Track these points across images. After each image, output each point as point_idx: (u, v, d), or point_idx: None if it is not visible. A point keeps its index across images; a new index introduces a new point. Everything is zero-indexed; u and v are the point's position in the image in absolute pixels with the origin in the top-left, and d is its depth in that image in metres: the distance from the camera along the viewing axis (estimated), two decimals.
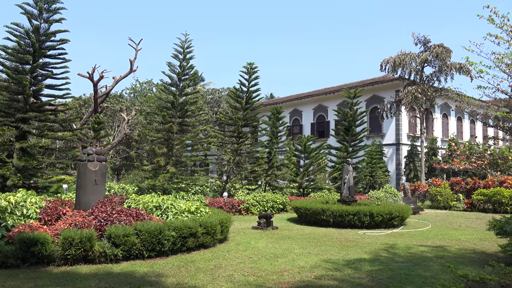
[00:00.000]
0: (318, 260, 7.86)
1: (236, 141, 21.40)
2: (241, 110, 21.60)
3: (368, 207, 12.93)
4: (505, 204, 17.77)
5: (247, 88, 21.49)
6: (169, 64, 19.05)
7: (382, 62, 25.79)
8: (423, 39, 25.69)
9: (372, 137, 29.29)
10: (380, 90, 29.85)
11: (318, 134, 33.87)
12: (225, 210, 14.97)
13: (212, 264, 7.37)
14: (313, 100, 34.96)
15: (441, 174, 27.79)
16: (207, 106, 40.05)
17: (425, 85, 25.34)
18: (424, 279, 6.52)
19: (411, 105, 25.86)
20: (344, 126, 23.77)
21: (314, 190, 21.63)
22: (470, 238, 10.86)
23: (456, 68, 24.40)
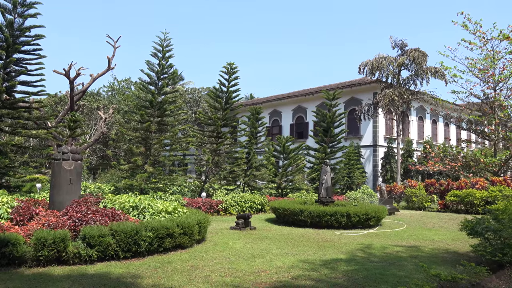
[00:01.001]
0: (295, 260, 7.91)
1: (215, 141, 21.33)
2: (220, 110, 21.54)
3: (345, 208, 13.09)
4: (477, 205, 18.28)
5: (226, 88, 21.45)
6: (148, 63, 18.85)
7: (360, 64, 26.15)
8: (400, 43, 26.19)
9: (350, 139, 29.68)
10: (358, 92, 30.27)
11: (297, 135, 34.08)
12: (203, 211, 14.89)
13: (189, 265, 7.32)
14: (292, 101, 35.16)
15: (416, 176, 28.40)
16: (187, 106, 39.76)
17: (401, 88, 25.83)
18: (398, 278, 6.64)
19: (388, 108, 26.31)
20: (323, 127, 24.00)
21: (293, 190, 21.76)
22: (443, 238, 11.12)
23: (432, 72, 24.97)
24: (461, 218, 8.96)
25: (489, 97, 22.73)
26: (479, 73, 22.60)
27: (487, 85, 22.70)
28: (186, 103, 40.05)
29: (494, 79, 22.24)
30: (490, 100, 22.70)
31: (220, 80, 21.36)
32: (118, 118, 36.06)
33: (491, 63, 22.12)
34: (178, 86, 42.45)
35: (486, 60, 22.24)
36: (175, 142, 19.69)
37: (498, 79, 22.19)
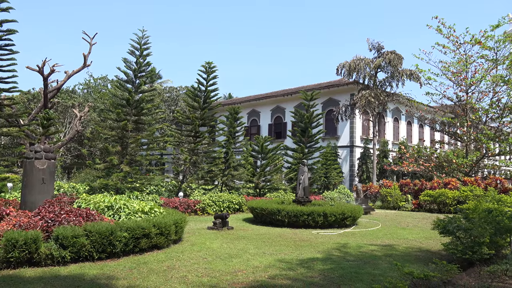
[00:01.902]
0: (272, 260, 7.94)
1: (193, 141, 21.19)
2: (198, 109, 21.41)
3: (322, 208, 13.22)
4: (449, 205, 18.78)
5: (205, 87, 21.34)
6: (125, 60, 18.54)
7: (338, 66, 26.48)
8: (377, 45, 26.65)
9: (328, 139, 30.00)
10: (336, 93, 30.63)
11: (275, 135, 34.22)
12: (180, 211, 14.78)
13: (165, 265, 7.25)
14: (271, 101, 35.28)
15: (392, 176, 28.94)
16: (164, 105, 39.35)
17: (378, 89, 26.29)
18: (373, 276, 6.75)
19: (364, 109, 26.73)
20: (301, 127, 24.17)
21: (271, 190, 21.83)
22: (416, 237, 11.37)
23: (407, 75, 25.51)
24: (434, 217, 9.19)
25: (462, 100, 23.38)
26: (452, 76, 23.23)
27: (460, 88, 23.35)
28: (164, 102, 39.64)
29: (466, 82, 22.89)
30: (462, 103, 23.35)
31: (198, 79, 21.22)
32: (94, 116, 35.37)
33: (463, 66, 22.76)
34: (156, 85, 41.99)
35: (459, 64, 22.87)
36: (152, 141, 19.44)
37: (470, 82, 22.84)
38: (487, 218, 7.99)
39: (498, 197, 10.62)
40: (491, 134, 22.02)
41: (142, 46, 18.58)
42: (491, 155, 23.07)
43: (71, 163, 36.18)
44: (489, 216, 8.13)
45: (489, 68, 22.57)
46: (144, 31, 18.64)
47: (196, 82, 21.38)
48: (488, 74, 22.54)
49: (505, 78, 21.60)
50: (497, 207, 8.86)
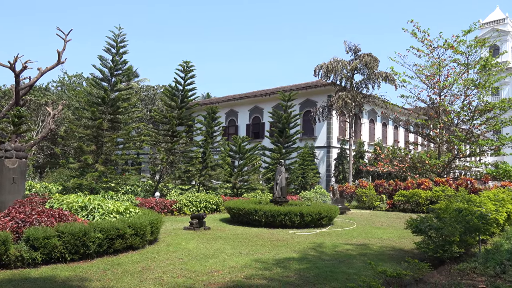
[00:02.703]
0: (248, 260, 7.95)
1: (170, 140, 20.99)
2: (176, 108, 21.22)
3: (299, 208, 13.32)
4: (422, 205, 19.21)
5: (182, 86, 21.18)
6: (100, 58, 18.22)
7: (316, 67, 26.70)
8: (354, 47, 27.02)
9: (305, 140, 30.23)
10: (313, 94, 30.90)
11: (253, 135, 34.25)
12: (156, 211, 14.61)
13: (140, 266, 7.16)
14: (249, 101, 35.30)
15: (367, 176, 29.41)
16: (141, 103, 38.80)
17: (354, 91, 26.66)
18: (347, 275, 6.85)
19: (341, 110, 27.06)
20: (279, 128, 24.28)
21: (248, 190, 21.84)
22: (390, 236, 11.60)
23: (383, 77, 25.96)
24: (408, 217, 9.40)
25: (435, 102, 23.99)
26: (426, 79, 23.81)
27: (433, 91, 23.96)
28: (141, 101, 39.09)
29: (439, 85, 23.50)
30: (435, 105, 23.96)
31: (176, 79, 21.04)
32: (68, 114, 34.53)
33: (437, 70, 23.36)
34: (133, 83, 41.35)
35: (432, 67, 23.46)
36: (129, 140, 19.16)
37: (442, 85, 23.46)
38: (457, 218, 8.23)
39: (468, 197, 10.94)
40: (462, 136, 22.67)
41: (119, 44, 18.30)
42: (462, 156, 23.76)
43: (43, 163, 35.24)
44: (459, 215, 8.38)
45: (461, 72, 23.24)
46: (120, 29, 18.37)
47: (173, 81, 21.21)
48: (460, 78, 23.21)
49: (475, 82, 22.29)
50: (467, 207, 9.14)
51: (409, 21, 23.16)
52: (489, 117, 23.00)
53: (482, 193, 13.89)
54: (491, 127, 23.09)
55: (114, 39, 18.23)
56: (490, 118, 23.01)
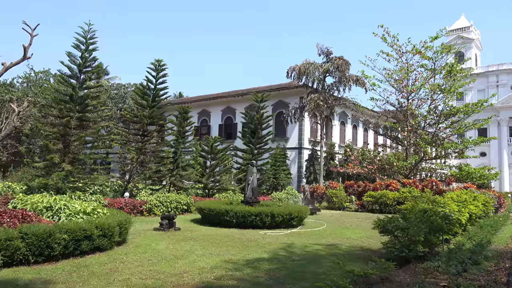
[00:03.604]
0: (219, 260, 7.93)
1: (141, 140, 20.64)
2: (147, 107, 20.89)
3: (270, 208, 13.38)
4: (390, 205, 19.70)
5: (154, 85, 20.87)
6: (69, 54, 17.70)
7: (288, 69, 26.89)
8: (326, 50, 27.37)
9: (277, 141, 30.41)
10: (286, 96, 31.13)
11: (225, 135, 34.15)
12: (125, 211, 14.29)
13: (107, 268, 7.01)
14: (222, 101, 35.19)
15: (338, 177, 29.88)
16: (111, 102, 37.98)
17: (326, 93, 27.02)
18: (317, 275, 6.94)
19: (313, 112, 27.36)
20: (251, 129, 24.33)
21: (219, 191, 21.76)
22: (359, 236, 11.83)
23: (354, 80, 26.41)
24: (376, 217, 9.60)
25: (403, 106, 24.68)
26: (395, 83, 24.47)
27: (401, 95, 24.65)
28: (111, 99, 38.27)
29: (407, 89, 24.19)
30: (403, 109, 24.65)
31: (147, 77, 20.72)
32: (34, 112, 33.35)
33: (405, 74, 24.04)
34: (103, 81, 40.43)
35: (401, 72, 24.13)
36: (98, 139, 18.71)
37: (410, 89, 24.16)
38: (422, 218, 8.50)
39: (433, 198, 11.32)
40: (428, 139, 23.41)
41: (88, 40, 17.84)
42: (428, 158, 24.56)
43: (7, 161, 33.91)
44: (424, 216, 8.65)
45: (428, 76, 24.02)
46: (90, 25, 17.92)
47: (145, 80, 20.87)
48: (426, 83, 23.98)
49: (441, 86, 23.08)
50: (432, 207, 9.45)
51: (379, 25, 23.75)
52: (453, 121, 23.88)
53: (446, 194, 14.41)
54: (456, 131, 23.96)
55: (83, 35, 17.76)
56: (454, 122, 23.89)
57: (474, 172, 22.52)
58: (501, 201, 23.31)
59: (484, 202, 16.08)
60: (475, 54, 62.70)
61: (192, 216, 15.85)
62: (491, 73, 58.97)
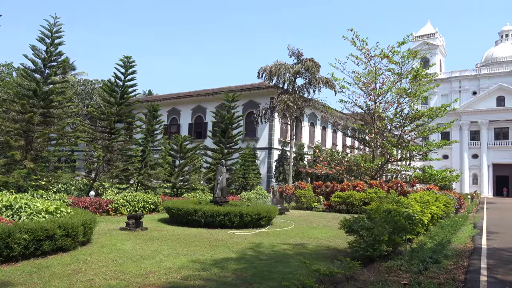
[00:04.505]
0: (186, 260, 7.86)
1: (108, 137, 20.18)
2: (115, 105, 20.44)
3: (239, 208, 13.39)
4: (356, 206, 20.11)
5: (123, 82, 20.45)
6: (33, 48, 17.09)
7: (259, 69, 26.99)
8: (297, 52, 27.65)
9: (247, 141, 30.45)
10: (257, 96, 31.23)
11: (195, 134, 33.90)
12: (91, 211, 13.95)
13: (70, 269, 6.82)
14: (192, 100, 34.90)
15: (306, 178, 30.25)
16: (78, 98, 36.95)
17: (296, 95, 27.29)
18: (284, 274, 7.00)
19: (283, 113, 27.59)
20: (221, 128, 24.26)
21: (188, 190, 21.58)
22: (326, 236, 12.02)
23: (323, 82, 26.82)
24: (342, 218, 9.79)
25: (370, 109, 25.27)
26: (363, 86, 25.02)
27: (369, 98, 25.25)
28: (77, 95, 37.22)
29: (375, 92, 24.79)
30: (371, 111, 25.24)
31: (115, 74, 20.28)
32: None
33: (373, 78, 24.63)
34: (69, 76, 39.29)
35: (369, 75, 24.71)
36: (62, 136, 18.16)
37: (378, 92, 24.77)
38: (387, 218, 8.73)
39: (397, 199, 11.65)
40: (394, 141, 24.08)
41: (54, 34, 17.29)
42: (394, 160, 25.26)
43: None
44: (389, 216, 8.89)
45: (394, 80, 24.70)
46: (56, 18, 17.37)
47: (113, 76, 20.41)
48: (393, 86, 24.66)
49: (407, 90, 23.79)
50: (396, 208, 9.73)
51: (349, 29, 24.28)
52: (418, 124, 24.67)
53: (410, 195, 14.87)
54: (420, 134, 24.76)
55: (49, 29, 17.20)
56: (419, 125, 24.69)
57: (436, 174, 23.37)
58: (461, 202, 24.27)
59: (446, 203, 16.71)
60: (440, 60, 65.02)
61: (160, 216, 15.64)
62: (454, 79, 61.32)
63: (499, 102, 56.66)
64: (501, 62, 61.77)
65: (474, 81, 60.27)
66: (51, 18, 17.29)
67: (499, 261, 9.14)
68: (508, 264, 8.78)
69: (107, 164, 20.30)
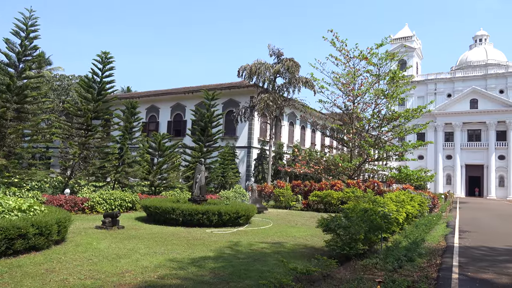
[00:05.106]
0: (163, 259, 7.80)
1: (85, 134, 19.80)
2: (92, 101, 20.06)
3: (217, 207, 13.35)
4: (334, 205, 20.33)
5: (100, 78, 20.09)
6: (7, 41, 16.62)
7: (240, 68, 26.93)
8: (277, 51, 27.73)
9: (227, 139, 30.39)
10: (237, 94, 31.18)
11: (174, 132, 33.61)
12: (66, 209, 13.69)
13: (43, 268, 6.67)
14: (171, 98, 34.58)
15: (285, 177, 30.42)
16: (53, 94, 36.12)
17: (276, 94, 27.37)
18: (261, 273, 7.03)
19: (263, 112, 27.63)
20: (201, 126, 24.13)
21: (167, 188, 21.38)
22: (303, 235, 12.12)
23: (303, 82, 26.97)
24: (320, 216, 9.89)
25: (349, 109, 25.59)
26: (342, 87, 25.32)
27: (348, 98, 25.56)
28: (53, 91, 36.38)
29: (353, 93, 25.12)
30: (349, 112, 25.56)
31: (93, 70, 19.90)
32: None
33: (352, 78, 24.95)
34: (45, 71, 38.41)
35: (348, 76, 25.01)
36: (37, 132, 17.73)
37: (356, 93, 25.10)
38: (363, 217, 8.87)
39: (374, 198, 11.86)
40: (372, 141, 24.46)
41: (29, 28, 16.86)
42: (371, 160, 25.66)
43: None
44: (365, 215, 9.04)
45: (373, 82, 25.09)
46: (32, 11, 16.95)
47: (90, 72, 20.03)
48: (371, 88, 25.04)
49: (385, 92, 24.20)
50: (372, 207, 9.89)
51: (329, 30, 24.51)
52: (395, 125, 25.13)
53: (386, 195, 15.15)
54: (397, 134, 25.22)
55: (24, 22, 16.75)
56: (396, 126, 25.15)
57: (412, 174, 23.84)
58: (435, 201, 24.88)
59: (420, 202, 17.10)
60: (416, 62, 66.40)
61: (137, 214, 15.45)
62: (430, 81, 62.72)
63: (472, 105, 58.25)
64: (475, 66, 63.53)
65: (449, 83, 61.79)
66: (26, 11, 16.86)
67: (470, 259, 9.42)
68: (479, 262, 9.05)
69: (83, 161, 19.92)
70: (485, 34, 68.45)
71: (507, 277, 7.63)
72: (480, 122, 57.63)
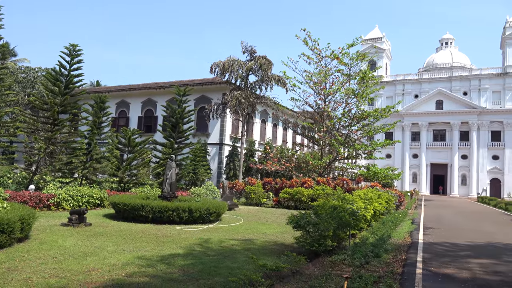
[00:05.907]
0: (131, 257, 7.68)
1: (51, 129, 19.18)
2: (59, 95, 19.45)
3: (188, 203, 13.26)
4: (304, 202, 20.58)
5: (68, 71, 19.50)
6: None
7: (212, 64, 26.79)
8: (250, 49, 27.73)
9: (198, 136, 30.18)
10: (209, 91, 31.00)
11: (145, 128, 33.09)
12: (30, 205, 13.24)
13: (5, 267, 6.44)
14: (142, 93, 33.99)
15: (257, 174, 30.51)
16: (18, 86, 34.79)
17: (248, 91, 27.39)
18: (231, 270, 7.04)
19: (235, 109, 27.58)
20: (172, 122, 23.85)
21: (136, 185, 21.04)
22: (274, 232, 12.22)
23: (275, 80, 27.10)
24: (290, 213, 9.99)
25: (320, 108, 25.93)
26: (314, 86, 25.61)
27: (319, 97, 25.88)
28: (18, 83, 35.04)
29: (324, 92, 25.45)
30: (320, 110, 25.90)
31: (60, 62, 19.28)
32: None
33: (323, 77, 25.26)
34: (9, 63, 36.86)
35: (320, 75, 25.31)
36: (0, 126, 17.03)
37: (327, 92, 25.44)
38: (332, 214, 9.02)
39: (343, 195, 12.05)
40: (342, 140, 24.88)
41: None
42: (341, 158, 26.10)
43: None
44: (334, 212, 9.20)
45: (343, 81, 25.49)
46: None
47: (58, 65, 19.40)
48: (342, 87, 25.44)
49: (355, 91, 24.64)
50: (341, 204, 10.07)
51: (302, 29, 24.71)
52: (364, 124, 25.65)
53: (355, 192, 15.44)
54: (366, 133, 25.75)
55: None
56: (365, 125, 25.67)
57: (380, 172, 24.41)
58: (402, 199, 25.60)
59: (387, 200, 17.54)
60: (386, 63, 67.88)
61: (105, 211, 15.14)
62: (398, 82, 64.29)
63: (438, 106, 60.15)
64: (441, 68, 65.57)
65: (416, 84, 63.52)
66: None
67: (434, 254, 9.76)
68: (442, 258, 9.40)
69: (49, 156, 19.31)
70: (450, 38, 70.73)
71: (468, 272, 7.96)
72: (444, 122, 59.58)
